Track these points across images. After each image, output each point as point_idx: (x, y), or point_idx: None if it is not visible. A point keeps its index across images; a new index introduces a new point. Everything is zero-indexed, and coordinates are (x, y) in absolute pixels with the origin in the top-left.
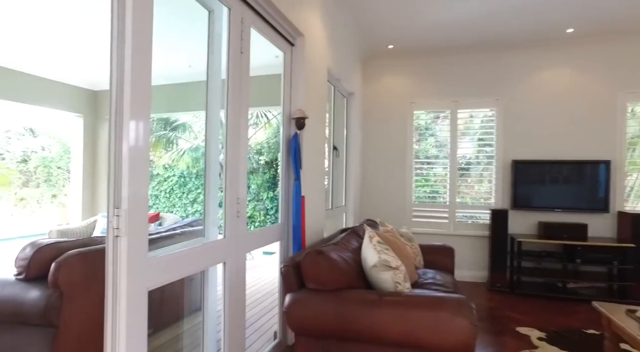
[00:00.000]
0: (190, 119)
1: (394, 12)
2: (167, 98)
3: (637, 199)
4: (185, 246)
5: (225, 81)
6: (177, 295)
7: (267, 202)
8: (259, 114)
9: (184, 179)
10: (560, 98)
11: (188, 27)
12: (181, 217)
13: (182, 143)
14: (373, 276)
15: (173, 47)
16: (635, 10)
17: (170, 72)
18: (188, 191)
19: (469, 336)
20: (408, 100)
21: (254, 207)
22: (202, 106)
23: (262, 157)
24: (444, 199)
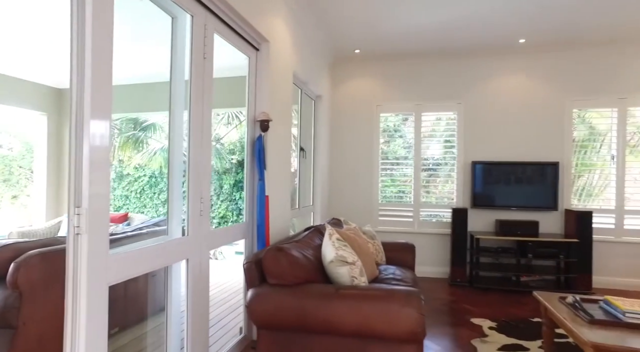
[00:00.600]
0: (161, 119)
1: (360, 20)
2: (136, 97)
3: (588, 197)
4: (148, 243)
5: (188, 84)
6: (142, 295)
7: (240, 202)
8: (231, 115)
9: (155, 179)
10: (515, 103)
11: (153, 30)
12: (152, 217)
13: (154, 143)
14: (331, 271)
15: (141, 47)
16: (579, 25)
17: (138, 71)
18: (159, 191)
19: (417, 324)
20: (374, 103)
21: (226, 207)
22: (167, 107)
23: (235, 157)
24: (409, 199)
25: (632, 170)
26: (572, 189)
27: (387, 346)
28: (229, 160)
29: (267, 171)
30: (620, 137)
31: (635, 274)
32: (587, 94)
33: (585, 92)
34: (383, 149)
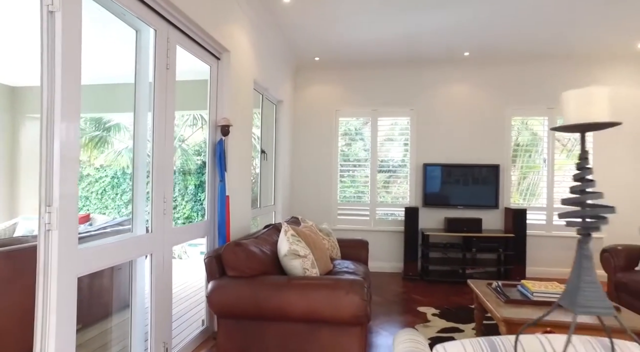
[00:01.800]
0: (126, 120)
1: (318, 30)
2: (100, 98)
3: (532, 197)
4: (115, 239)
5: (152, 90)
6: (107, 292)
7: (204, 203)
8: (196, 116)
9: (118, 179)
10: (462, 110)
11: (117, 37)
12: (114, 218)
13: (118, 143)
14: (285, 264)
15: (105, 49)
16: (515, 42)
17: (101, 71)
18: (122, 192)
19: (360, 309)
20: (334, 108)
21: (191, 207)
22: (132, 109)
23: (200, 158)
24: (367, 199)
25: (560, 172)
26: (512, 189)
27: (334, 329)
28: (194, 161)
29: (228, 173)
30: (550, 143)
31: (562, 264)
32: (523, 104)
33: (521, 102)
34: (344, 151)
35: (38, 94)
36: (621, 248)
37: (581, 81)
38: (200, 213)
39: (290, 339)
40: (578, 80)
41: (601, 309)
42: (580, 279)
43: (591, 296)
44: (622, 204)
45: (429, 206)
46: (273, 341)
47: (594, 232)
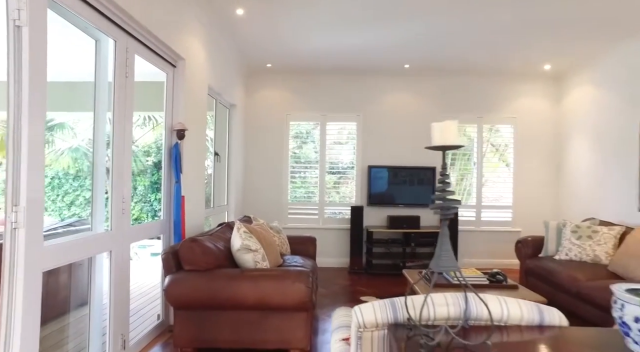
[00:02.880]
0: (70, 119)
1: (269, 39)
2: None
3: (469, 196)
4: (77, 236)
5: (112, 97)
6: (65, 290)
7: (155, 204)
8: (147, 117)
9: (60, 180)
10: (403, 117)
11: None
12: (62, 219)
13: (61, 143)
14: (238, 258)
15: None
16: (449, 58)
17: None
18: (64, 193)
19: (306, 295)
20: (285, 112)
21: (140, 208)
22: (84, 108)
23: (150, 159)
24: (316, 198)
25: (494, 174)
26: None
27: (283, 315)
28: (143, 162)
29: (183, 174)
30: (479, 148)
31: (489, 255)
32: (456, 112)
33: (455, 111)
34: (296, 152)
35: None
36: (530, 239)
37: (504, 94)
38: (150, 214)
39: (242, 326)
40: (501, 93)
41: (451, 267)
42: (441, 249)
43: (446, 260)
44: (534, 201)
45: (373, 205)
46: (227, 328)
47: (449, 217)
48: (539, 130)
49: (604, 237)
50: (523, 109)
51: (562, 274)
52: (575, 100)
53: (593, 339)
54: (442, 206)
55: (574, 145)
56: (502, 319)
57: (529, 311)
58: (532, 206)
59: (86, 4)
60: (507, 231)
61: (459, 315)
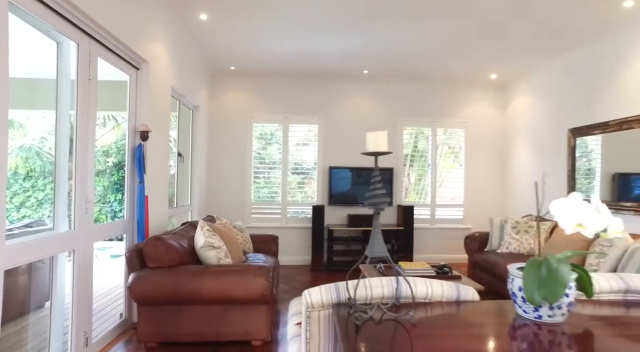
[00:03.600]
0: (18, 116)
1: (233, 43)
2: None
3: (426, 195)
4: (39, 235)
5: (75, 100)
6: (24, 291)
7: (115, 205)
8: (107, 117)
9: (8, 182)
10: (362, 119)
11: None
12: (9, 222)
13: (9, 141)
14: (202, 255)
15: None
16: (404, 66)
17: None
18: (13, 195)
19: (266, 289)
20: (248, 114)
21: (99, 209)
22: (37, 106)
23: (110, 159)
24: (279, 198)
25: (450, 175)
26: (409, 188)
27: (245, 308)
28: (103, 162)
29: (147, 175)
30: (433, 151)
31: (443, 251)
32: (412, 116)
33: (411, 115)
34: (260, 153)
35: None
36: (477, 235)
37: (456, 100)
38: (110, 215)
39: (205, 319)
40: (453, 99)
41: (381, 252)
42: (374, 238)
43: (377, 247)
44: (483, 200)
45: (334, 205)
46: (190, 322)
47: (380, 211)
48: (487, 134)
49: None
50: (473, 115)
51: (501, 266)
52: (518, 108)
53: (495, 308)
54: (374, 202)
55: (517, 148)
56: (427, 296)
57: (448, 290)
58: (481, 204)
59: (46, 7)
60: (459, 228)
61: (391, 294)
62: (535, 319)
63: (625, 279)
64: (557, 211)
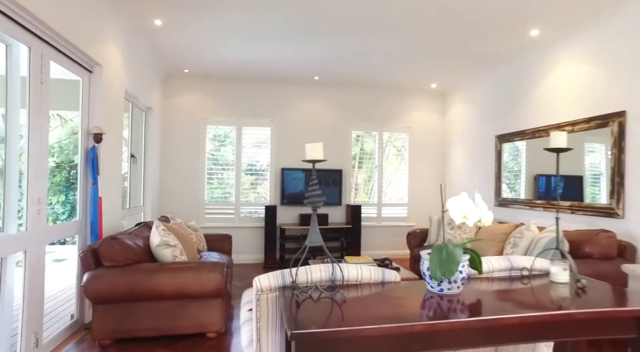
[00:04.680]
0: None
1: (188, 47)
2: None
3: (373, 195)
4: None
5: (27, 104)
6: None
7: (57, 207)
8: (52, 115)
9: None
10: (314, 123)
11: None
12: None
13: None
14: (158, 253)
15: None
16: (353, 73)
17: None
18: None
19: (220, 283)
20: (202, 116)
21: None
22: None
23: (53, 159)
24: (232, 199)
25: (396, 176)
26: (358, 188)
27: (200, 302)
28: None
29: (100, 176)
30: (380, 153)
31: (388, 247)
32: (360, 120)
33: (359, 119)
34: (214, 154)
35: None
36: (418, 231)
37: (400, 106)
38: (52, 218)
39: (161, 315)
40: (398, 105)
41: (317, 242)
42: (312, 230)
43: (314, 237)
44: (425, 199)
45: (286, 205)
46: (146, 318)
47: (317, 208)
48: (428, 138)
49: (468, 227)
50: (416, 120)
51: None
52: (455, 115)
53: (412, 286)
54: (312, 201)
55: (454, 152)
56: (358, 279)
57: (375, 273)
58: (423, 203)
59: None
60: (403, 225)
61: (328, 278)
62: (439, 292)
63: (510, 259)
64: (451, 207)
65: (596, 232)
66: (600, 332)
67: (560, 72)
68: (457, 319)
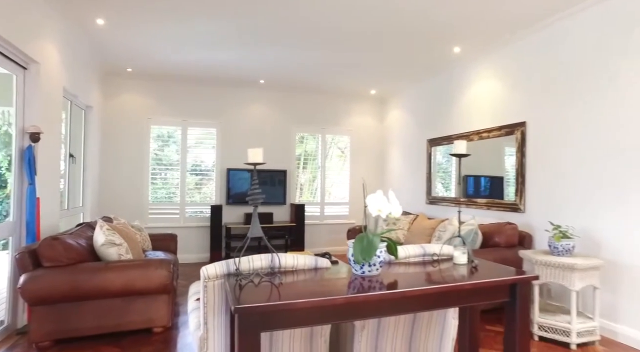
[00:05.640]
0: None
1: (130, 47)
2: None
3: (317, 194)
4: None
5: None
6: None
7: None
8: None
9: None
10: (259, 125)
11: None
12: None
13: None
14: (102, 252)
15: None
16: (299, 78)
17: None
18: None
19: (167, 279)
20: (146, 116)
21: None
22: None
23: None
24: (177, 199)
25: (339, 177)
26: (303, 188)
27: (147, 298)
28: None
29: (38, 176)
30: (323, 155)
31: (331, 244)
32: (304, 123)
33: (303, 122)
34: (157, 154)
35: None
36: (357, 227)
37: (342, 110)
38: None
39: (107, 312)
40: (341, 109)
41: (257, 233)
42: (253, 224)
43: (255, 230)
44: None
45: (231, 204)
46: (90, 317)
47: (257, 205)
48: (369, 141)
49: (403, 222)
50: (357, 124)
51: None
52: (392, 120)
53: (340, 271)
54: (253, 198)
55: (392, 154)
56: (294, 266)
57: (309, 260)
58: (363, 201)
59: None
60: (345, 223)
61: (268, 265)
62: (362, 274)
63: (423, 247)
64: (369, 202)
65: (503, 225)
66: (484, 298)
67: (478, 85)
68: (370, 293)
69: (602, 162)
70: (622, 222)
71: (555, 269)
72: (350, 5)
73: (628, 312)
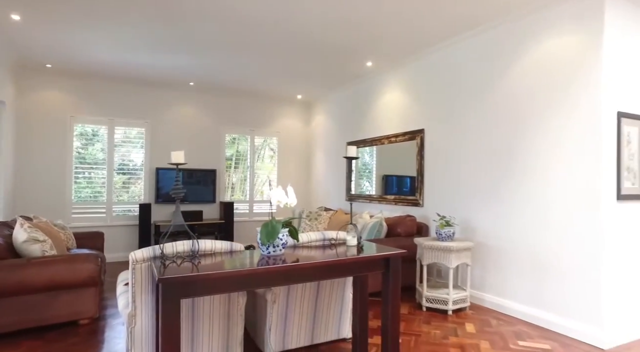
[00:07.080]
0: None
1: (49, 42)
2: None
3: (250, 192)
4: None
5: None
6: None
7: None
8: None
9: None
10: (190, 125)
11: None
12: None
13: None
14: (24, 249)
15: None
16: (229, 81)
17: None
18: None
19: (94, 272)
20: (68, 113)
21: None
22: None
23: None
24: (103, 198)
25: (261, 176)
26: (233, 187)
27: (74, 291)
28: None
29: None
30: (252, 155)
31: (241, 240)
32: (233, 125)
33: (233, 124)
34: (80, 152)
35: None
36: None
37: (271, 113)
38: None
39: (30, 307)
40: (269, 112)
41: (180, 224)
42: (175, 214)
43: (177, 219)
44: (320, 191)
45: (161, 202)
46: (10, 313)
47: (180, 198)
48: (296, 142)
49: (323, 218)
50: (284, 126)
51: None
52: (317, 123)
53: (252, 253)
54: (176, 192)
55: (316, 155)
56: (212, 249)
57: (225, 245)
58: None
59: None
60: None
61: (189, 249)
62: (268, 254)
63: (323, 233)
64: (272, 195)
65: (404, 217)
66: (366, 269)
67: (389, 95)
68: (271, 266)
69: (482, 164)
70: (492, 212)
71: (438, 251)
72: (261, 20)
73: (493, 283)
